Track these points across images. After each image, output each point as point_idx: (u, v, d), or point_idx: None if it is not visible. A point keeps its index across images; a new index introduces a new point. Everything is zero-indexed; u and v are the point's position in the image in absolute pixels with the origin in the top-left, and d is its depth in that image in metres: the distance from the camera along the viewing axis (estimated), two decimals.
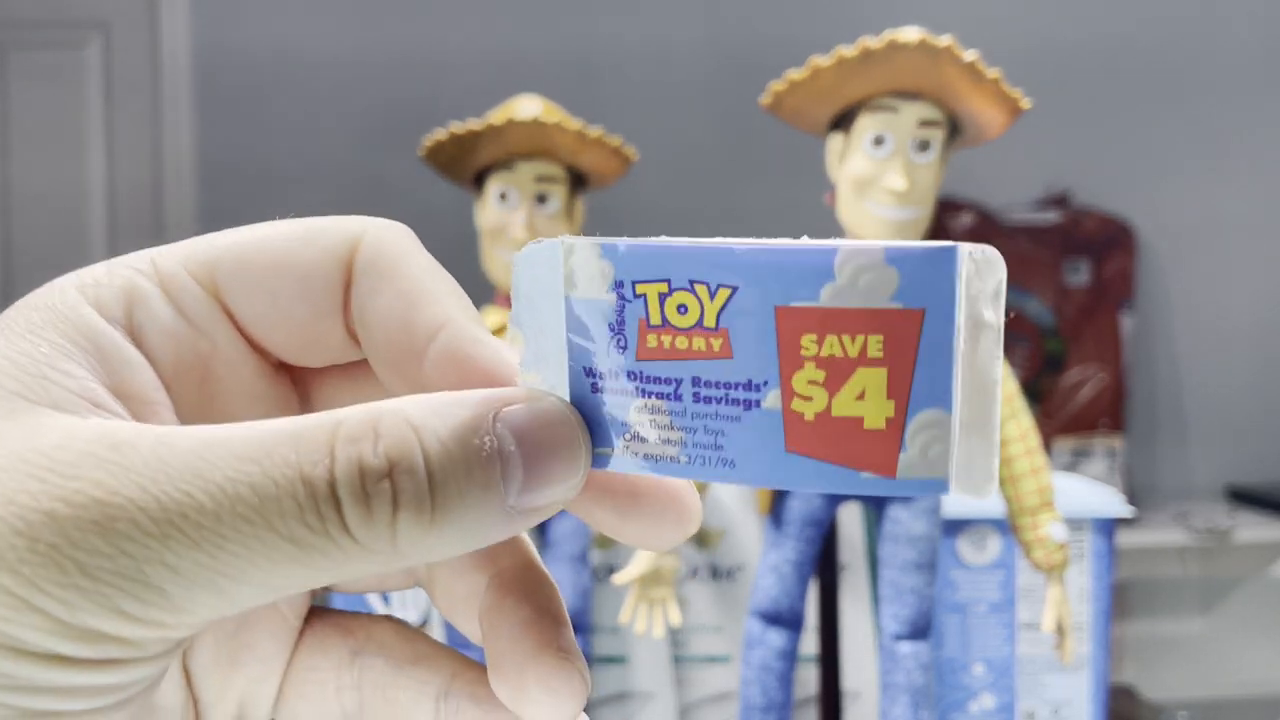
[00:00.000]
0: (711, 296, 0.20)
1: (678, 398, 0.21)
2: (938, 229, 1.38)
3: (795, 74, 0.71)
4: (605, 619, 0.83)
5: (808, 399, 0.20)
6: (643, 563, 0.73)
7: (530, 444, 0.20)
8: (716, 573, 0.86)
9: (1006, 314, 0.20)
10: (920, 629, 0.72)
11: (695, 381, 0.20)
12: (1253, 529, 1.73)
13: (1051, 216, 1.84)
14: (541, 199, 0.80)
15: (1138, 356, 1.88)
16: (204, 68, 1.86)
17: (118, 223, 1.86)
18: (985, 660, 0.83)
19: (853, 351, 0.19)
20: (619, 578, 0.74)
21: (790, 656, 0.72)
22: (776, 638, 0.72)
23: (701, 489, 0.73)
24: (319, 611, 0.25)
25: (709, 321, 0.20)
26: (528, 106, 0.79)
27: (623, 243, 0.21)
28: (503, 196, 0.80)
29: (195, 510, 0.18)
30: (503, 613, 0.22)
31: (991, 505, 0.78)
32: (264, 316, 0.23)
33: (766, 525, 0.74)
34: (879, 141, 0.70)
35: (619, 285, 0.21)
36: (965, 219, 1.80)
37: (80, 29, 1.86)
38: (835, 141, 0.73)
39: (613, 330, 0.21)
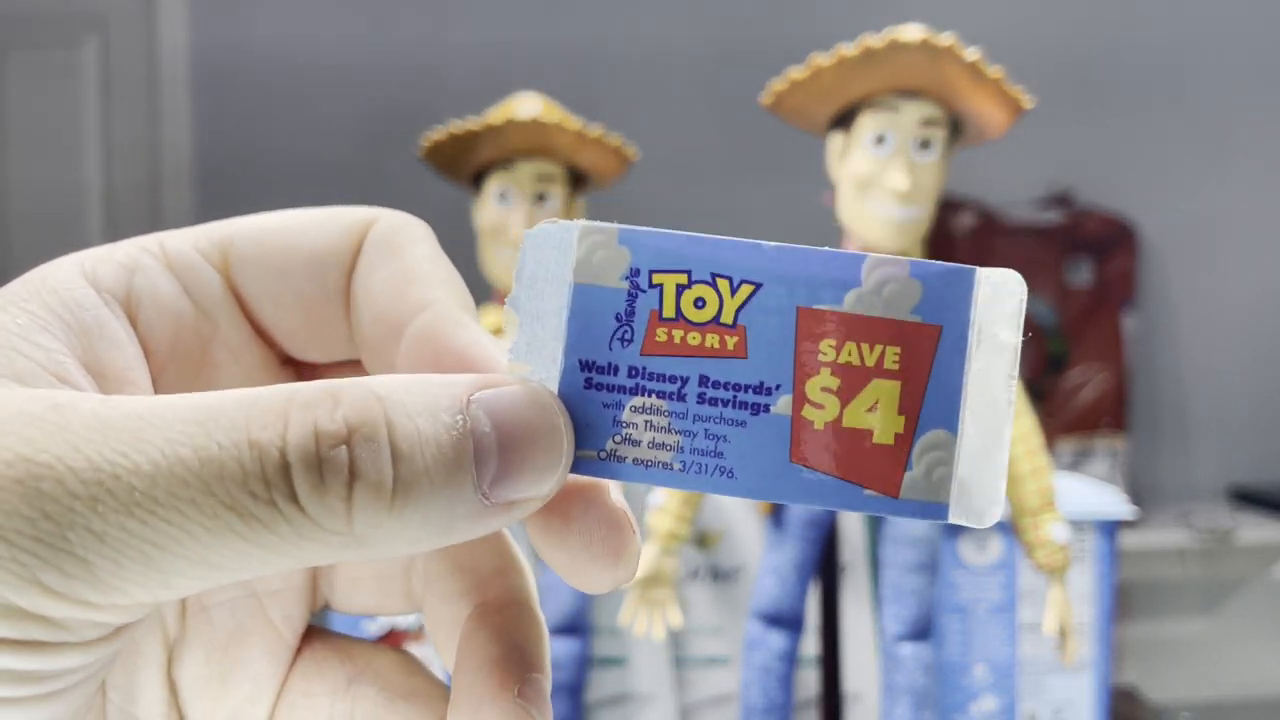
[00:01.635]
0: (733, 292, 0.20)
1: (680, 397, 0.20)
2: (939, 229, 1.38)
3: (796, 73, 0.71)
4: (605, 620, 0.83)
5: (819, 406, 0.19)
6: (643, 565, 0.72)
7: (508, 429, 0.19)
8: (717, 574, 0.86)
9: (1025, 334, 0.20)
10: (922, 630, 0.72)
11: (703, 381, 0.20)
12: (1255, 530, 1.72)
13: (1053, 216, 1.83)
14: (541, 198, 0.79)
15: (1140, 357, 1.88)
16: (202, 66, 1.86)
17: (114, 221, 1.85)
18: (987, 661, 0.83)
19: (870, 361, 0.19)
20: None
21: (791, 658, 0.72)
22: (777, 639, 0.72)
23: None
24: (320, 633, 0.23)
25: (727, 318, 0.20)
26: (527, 106, 0.79)
27: (643, 230, 0.20)
28: (502, 196, 0.79)
29: (129, 471, 0.17)
30: (474, 647, 0.21)
31: None
32: (273, 296, 0.22)
33: (767, 526, 0.74)
34: (880, 140, 0.70)
35: (634, 274, 0.20)
36: (967, 218, 1.79)
37: (77, 27, 1.86)
38: (836, 141, 0.73)
39: (619, 321, 0.20)
